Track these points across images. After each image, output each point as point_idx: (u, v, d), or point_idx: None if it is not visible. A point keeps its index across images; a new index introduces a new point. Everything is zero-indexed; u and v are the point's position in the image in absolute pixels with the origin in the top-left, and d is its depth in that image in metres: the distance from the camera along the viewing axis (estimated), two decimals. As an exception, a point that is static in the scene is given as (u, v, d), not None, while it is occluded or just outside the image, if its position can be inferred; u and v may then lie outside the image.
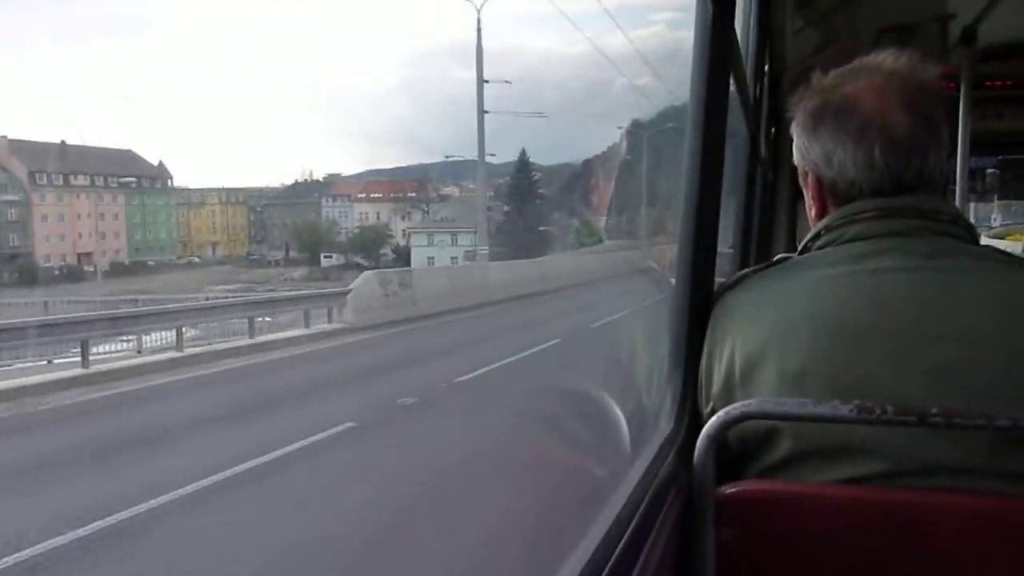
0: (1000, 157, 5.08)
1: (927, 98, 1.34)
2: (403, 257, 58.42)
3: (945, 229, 1.32)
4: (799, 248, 1.45)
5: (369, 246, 66.39)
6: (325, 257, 61.66)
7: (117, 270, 55.82)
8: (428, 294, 17.96)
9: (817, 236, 1.39)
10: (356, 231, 69.68)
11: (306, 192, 76.22)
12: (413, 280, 18.64)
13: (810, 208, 1.46)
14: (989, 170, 5.09)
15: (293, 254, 66.25)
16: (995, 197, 5.37)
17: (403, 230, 68.23)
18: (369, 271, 21.18)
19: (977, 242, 1.35)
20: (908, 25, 3.67)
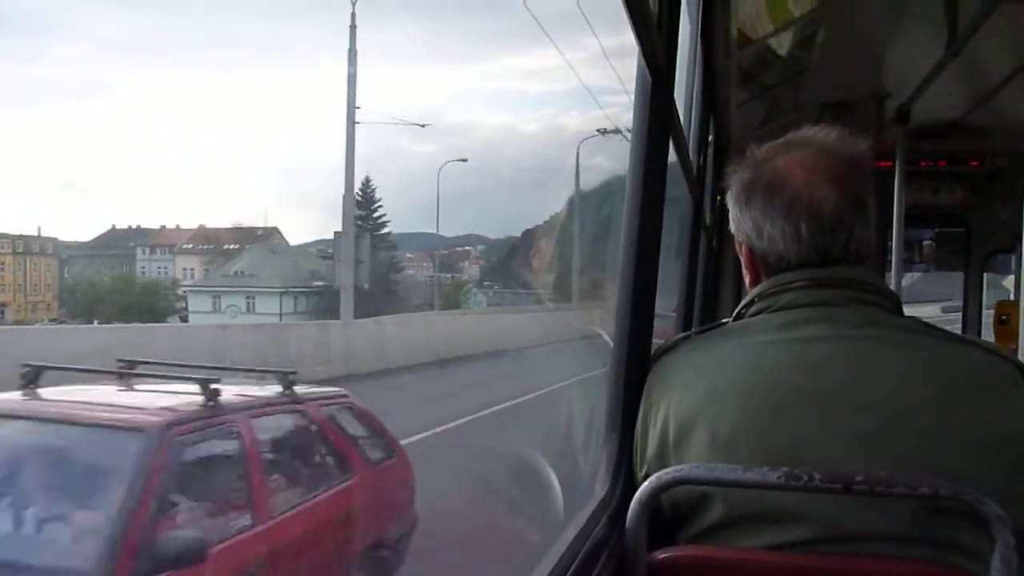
0: (937, 229, 5.29)
1: (855, 173, 1.38)
2: (196, 327, 43.54)
3: (872, 299, 1.35)
4: (733, 314, 1.47)
5: (147, 311, 47.23)
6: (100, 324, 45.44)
7: None
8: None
9: (751, 303, 1.43)
10: (137, 292, 50.59)
11: (120, 241, 56.02)
12: None
13: (745, 275, 1.50)
14: (926, 241, 5.30)
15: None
16: (932, 267, 5.59)
17: (181, 290, 49.02)
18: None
19: (901, 313, 1.39)
20: (847, 102, 3.84)
